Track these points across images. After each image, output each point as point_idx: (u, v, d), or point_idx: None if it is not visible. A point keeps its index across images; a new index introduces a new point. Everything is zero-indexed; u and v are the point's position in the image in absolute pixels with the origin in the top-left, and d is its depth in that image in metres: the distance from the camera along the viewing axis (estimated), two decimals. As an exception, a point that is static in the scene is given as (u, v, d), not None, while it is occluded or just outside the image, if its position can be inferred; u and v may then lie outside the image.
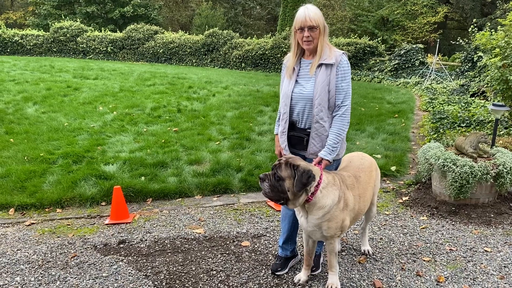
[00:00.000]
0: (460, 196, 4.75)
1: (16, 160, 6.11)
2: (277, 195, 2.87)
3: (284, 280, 3.40)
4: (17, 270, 3.57)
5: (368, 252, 3.84)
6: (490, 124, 7.39)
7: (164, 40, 24.05)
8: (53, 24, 26.04)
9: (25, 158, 6.20)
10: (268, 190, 2.87)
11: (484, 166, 4.64)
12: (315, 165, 3.01)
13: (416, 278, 3.44)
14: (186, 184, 5.43)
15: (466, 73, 15.04)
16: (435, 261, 3.72)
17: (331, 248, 3.15)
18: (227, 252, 3.87)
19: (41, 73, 14.98)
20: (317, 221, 2.96)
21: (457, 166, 4.67)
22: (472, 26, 14.42)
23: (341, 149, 3.23)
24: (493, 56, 7.14)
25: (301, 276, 3.38)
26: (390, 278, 3.44)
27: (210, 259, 3.77)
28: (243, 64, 22.13)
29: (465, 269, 3.59)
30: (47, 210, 4.88)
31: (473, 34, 15.24)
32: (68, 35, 24.67)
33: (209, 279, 3.43)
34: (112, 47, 24.57)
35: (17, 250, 3.94)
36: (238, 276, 3.48)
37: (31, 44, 24.73)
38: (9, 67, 15.99)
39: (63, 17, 30.30)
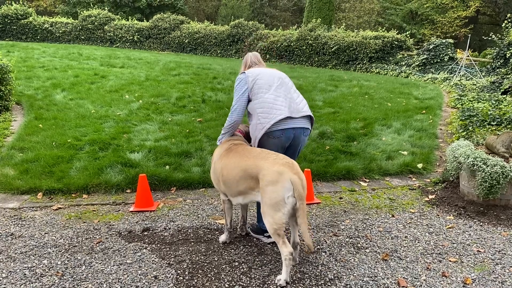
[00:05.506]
0: (490, 196, 4.63)
1: (44, 145, 6.25)
2: None
3: (307, 275, 3.38)
4: (45, 253, 3.66)
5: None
6: (522, 123, 7.15)
7: (190, 30, 24.09)
8: (81, 12, 26.44)
9: (53, 143, 6.33)
10: None
11: (516, 167, 4.49)
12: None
13: (442, 279, 3.37)
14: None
15: (497, 70, 14.57)
16: (462, 262, 3.64)
17: None
18: (250, 244, 3.88)
19: (69, 60, 15.25)
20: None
21: (488, 166, 4.54)
22: (505, 22, 13.96)
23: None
24: (528, 52, 6.88)
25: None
26: (415, 278, 3.38)
27: (233, 250, 3.77)
28: (267, 56, 22.01)
29: (493, 271, 3.49)
30: (73, 195, 4.98)
31: (507, 30, 14.79)
32: (96, 23, 24.97)
33: (231, 270, 3.44)
34: (138, 36, 24.78)
35: (45, 233, 4.04)
36: (260, 268, 3.48)
37: (60, 31, 25.13)
38: (39, 54, 16.33)
39: (91, 5, 30.74)
